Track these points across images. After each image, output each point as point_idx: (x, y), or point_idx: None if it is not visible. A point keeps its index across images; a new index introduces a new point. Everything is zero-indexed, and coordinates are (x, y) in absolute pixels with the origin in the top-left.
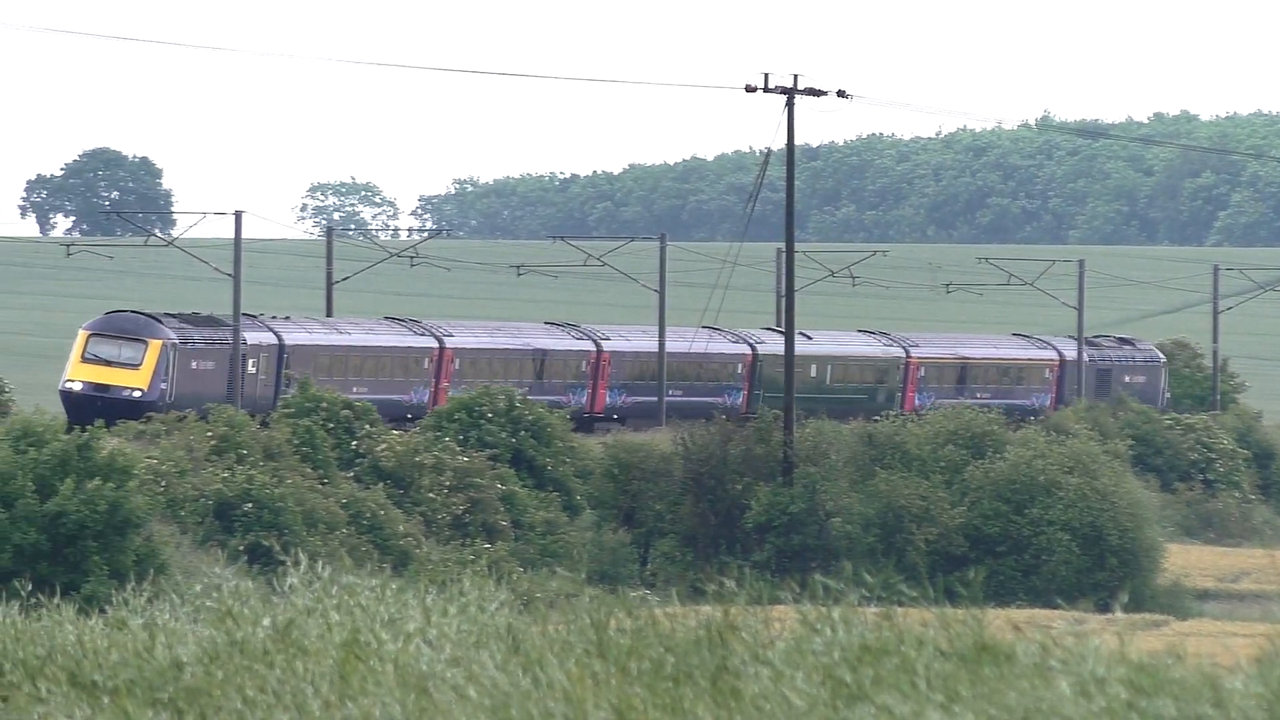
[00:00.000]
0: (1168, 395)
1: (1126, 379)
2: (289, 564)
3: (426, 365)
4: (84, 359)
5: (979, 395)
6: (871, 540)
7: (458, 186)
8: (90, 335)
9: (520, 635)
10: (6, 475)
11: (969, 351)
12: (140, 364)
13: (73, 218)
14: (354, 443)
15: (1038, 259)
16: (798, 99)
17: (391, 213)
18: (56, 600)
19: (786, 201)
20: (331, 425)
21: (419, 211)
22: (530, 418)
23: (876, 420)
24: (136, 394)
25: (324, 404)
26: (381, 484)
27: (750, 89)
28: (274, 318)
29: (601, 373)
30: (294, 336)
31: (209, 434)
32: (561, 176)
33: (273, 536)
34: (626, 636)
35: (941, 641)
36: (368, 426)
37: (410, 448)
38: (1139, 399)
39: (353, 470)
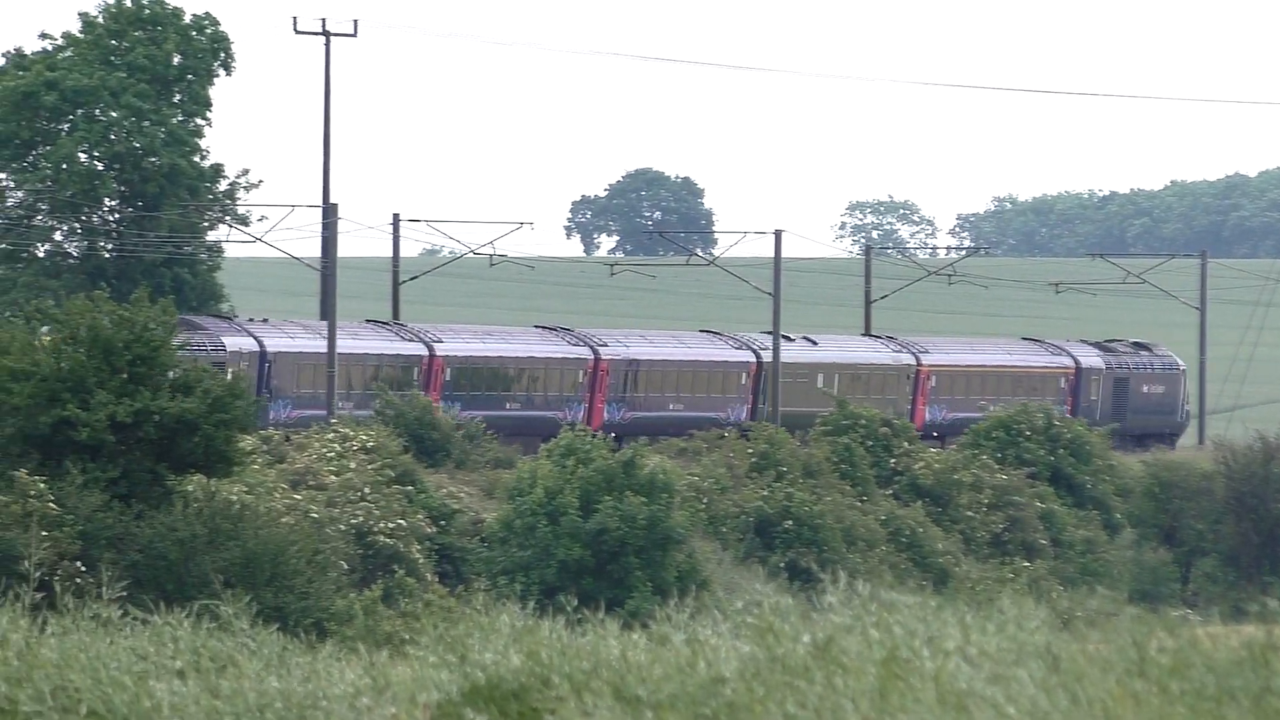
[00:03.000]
0: (1188, 407)
1: (1145, 389)
2: (828, 581)
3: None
4: None
5: (991, 409)
6: None
7: (996, 204)
8: None
9: (1060, 653)
10: (554, 490)
11: (981, 359)
12: None
13: (616, 237)
14: (892, 460)
15: None
16: None
17: (929, 231)
18: (601, 615)
19: None
20: (870, 443)
21: (957, 230)
22: (1069, 435)
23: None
24: None
25: (862, 421)
26: (920, 501)
27: None
28: (250, 320)
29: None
30: (276, 343)
31: (749, 451)
32: (1100, 194)
33: (812, 553)
34: (1167, 656)
35: None
36: (906, 444)
37: (948, 465)
38: (1157, 411)
39: (891, 487)
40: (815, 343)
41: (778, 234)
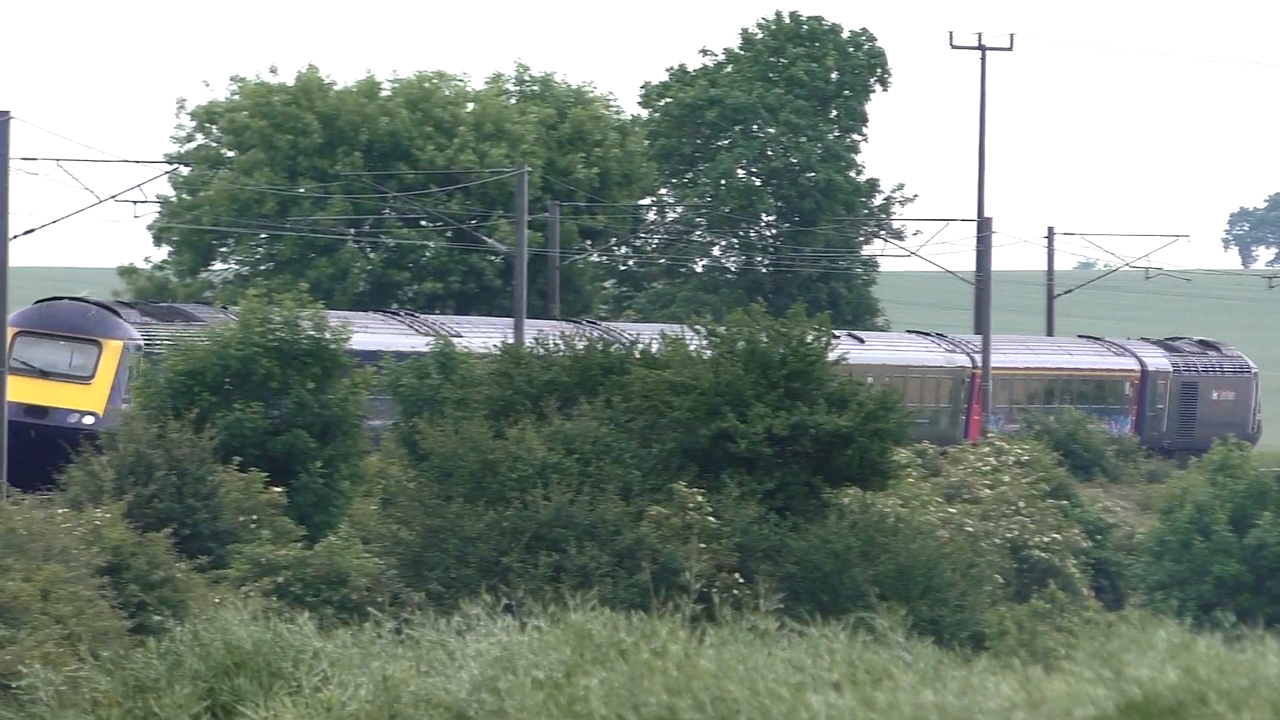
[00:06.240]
0: (1259, 416)
1: (1214, 394)
2: None
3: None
4: (12, 369)
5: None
6: None
7: None
8: (19, 333)
9: None
10: (1204, 507)
11: (1041, 359)
12: (93, 376)
13: (1274, 249)
14: None
15: None
16: None
17: None
18: (1260, 632)
19: None
20: None
21: None
22: None
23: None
24: (88, 420)
25: None
26: None
27: None
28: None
29: None
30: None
31: None
32: None
33: None
34: None
35: None
36: None
37: None
38: (1227, 420)
39: None
40: (862, 340)
41: None
